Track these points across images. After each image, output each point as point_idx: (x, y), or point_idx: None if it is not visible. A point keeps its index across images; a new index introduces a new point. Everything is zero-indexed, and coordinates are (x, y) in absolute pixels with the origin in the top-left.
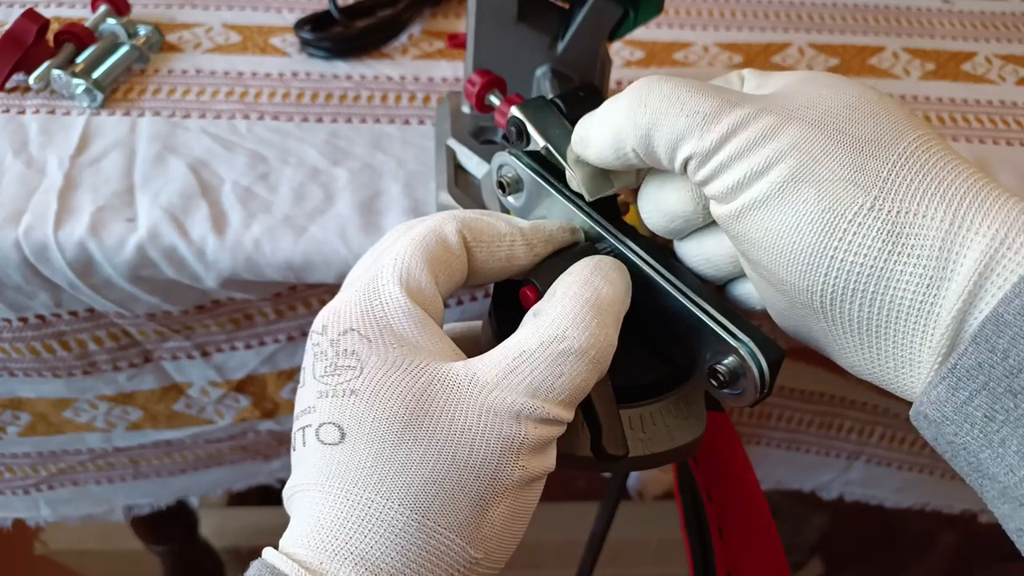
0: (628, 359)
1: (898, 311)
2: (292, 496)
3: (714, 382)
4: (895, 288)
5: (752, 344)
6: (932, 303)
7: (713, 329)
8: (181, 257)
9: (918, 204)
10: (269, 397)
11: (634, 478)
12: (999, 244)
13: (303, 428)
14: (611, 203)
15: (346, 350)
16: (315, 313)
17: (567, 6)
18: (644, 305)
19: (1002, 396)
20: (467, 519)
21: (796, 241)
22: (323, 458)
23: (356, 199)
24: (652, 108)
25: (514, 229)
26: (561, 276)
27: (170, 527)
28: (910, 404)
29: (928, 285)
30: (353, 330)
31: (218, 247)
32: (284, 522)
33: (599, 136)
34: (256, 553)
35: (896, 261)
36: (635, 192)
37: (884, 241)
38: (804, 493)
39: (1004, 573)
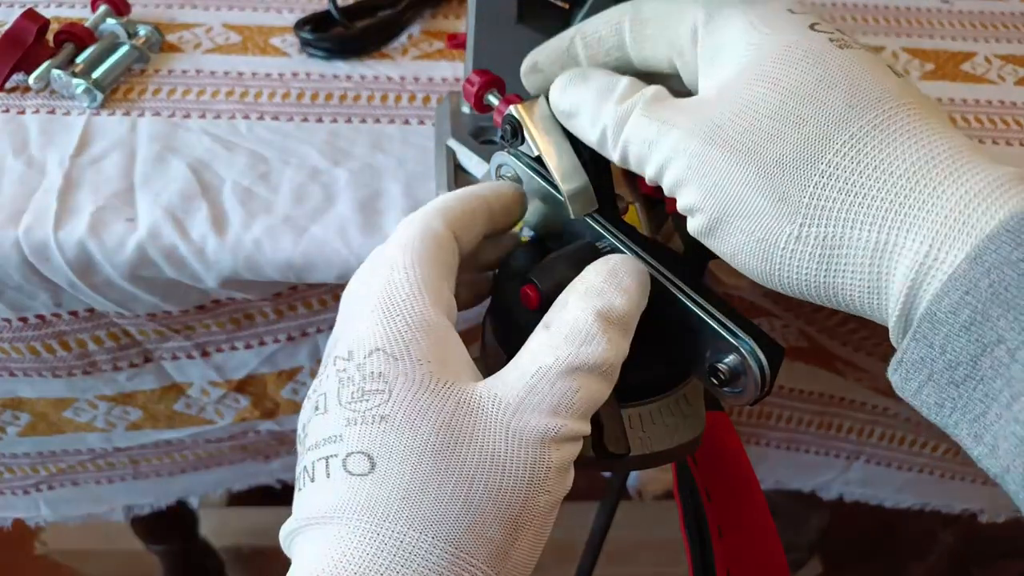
0: (628, 358)
1: (851, 306)
2: (302, 530)
3: (714, 380)
4: (841, 293)
5: (752, 342)
6: (877, 303)
7: (713, 328)
8: (181, 257)
9: (843, 227)
10: (269, 397)
11: (634, 477)
12: (923, 257)
13: (327, 458)
14: (611, 203)
15: (372, 372)
16: (315, 313)
17: (567, 6)
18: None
19: (946, 387)
20: (497, 549)
21: (744, 262)
22: (350, 489)
23: (356, 199)
24: (623, 139)
25: (476, 199)
26: (573, 283)
27: (170, 527)
28: (910, 404)
29: (868, 292)
30: (378, 350)
31: (218, 247)
32: (283, 522)
33: (582, 125)
34: (257, 553)
35: (834, 276)
36: (635, 191)
37: (818, 264)
38: (804, 493)
39: (1003, 571)
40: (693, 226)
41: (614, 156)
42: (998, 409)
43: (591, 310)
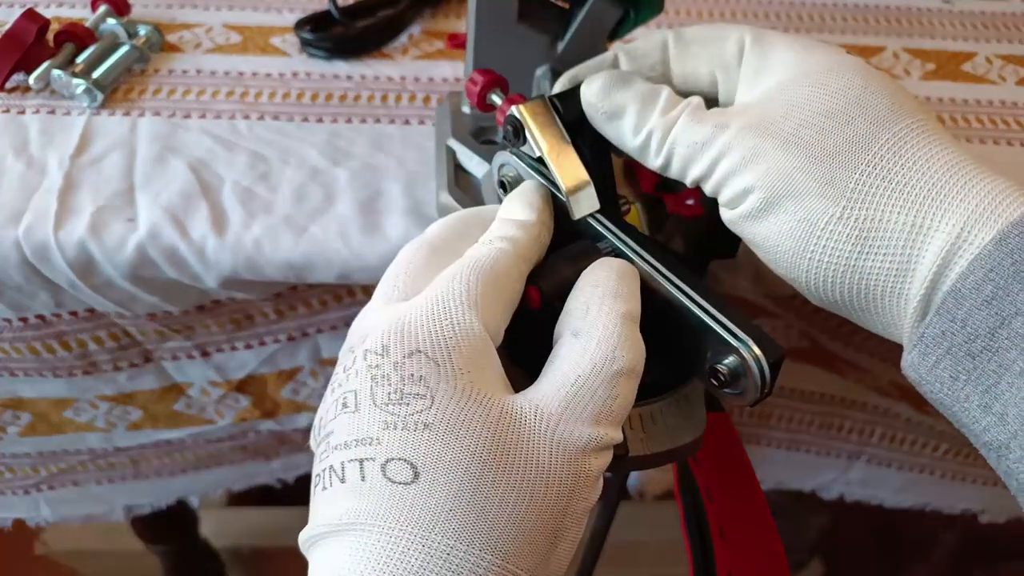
0: None
1: (874, 294)
2: (331, 534)
3: (715, 381)
4: (868, 279)
5: (753, 344)
6: (902, 287)
7: (714, 329)
8: (181, 257)
9: (883, 211)
10: (269, 397)
11: (634, 478)
12: (955, 239)
13: (361, 460)
14: (612, 203)
15: (412, 375)
16: (315, 313)
17: (567, 6)
18: (645, 304)
19: (963, 359)
20: (541, 558)
21: (780, 245)
22: (392, 497)
23: (356, 199)
24: (669, 143)
25: (538, 225)
26: (587, 288)
27: (170, 527)
28: (910, 404)
29: (896, 274)
30: (420, 352)
31: (218, 247)
32: (283, 522)
33: (623, 128)
34: (257, 553)
35: (866, 258)
36: (636, 192)
37: (853, 244)
38: (804, 493)
39: (1003, 572)
40: (740, 210)
41: (656, 161)
42: (1010, 378)
43: (617, 314)
